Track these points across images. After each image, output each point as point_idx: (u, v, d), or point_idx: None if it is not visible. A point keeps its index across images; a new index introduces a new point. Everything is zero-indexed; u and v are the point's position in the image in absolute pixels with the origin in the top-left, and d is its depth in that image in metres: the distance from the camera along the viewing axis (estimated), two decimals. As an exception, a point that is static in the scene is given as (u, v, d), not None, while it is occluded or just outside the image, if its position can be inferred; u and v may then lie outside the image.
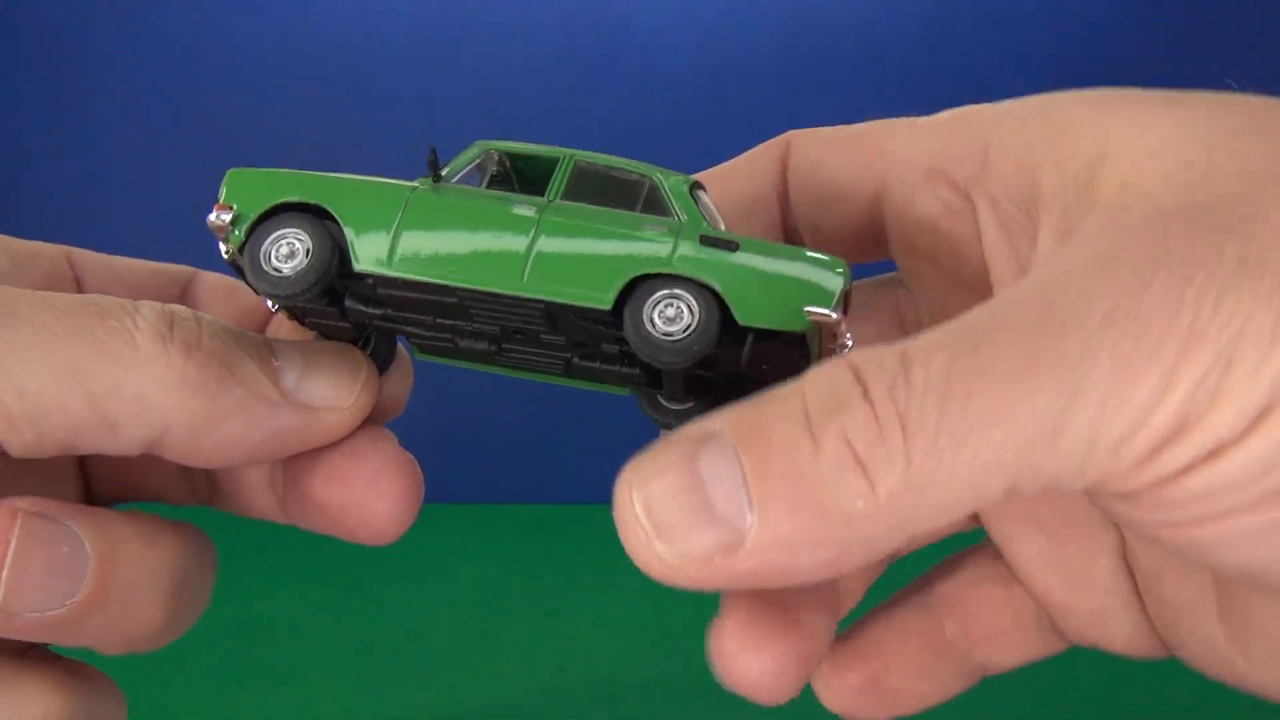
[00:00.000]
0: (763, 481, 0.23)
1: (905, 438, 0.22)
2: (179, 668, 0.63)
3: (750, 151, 0.40)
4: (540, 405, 0.93)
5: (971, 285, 0.35)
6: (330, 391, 0.33)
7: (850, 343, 0.30)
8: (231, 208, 0.32)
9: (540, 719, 0.58)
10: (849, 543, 0.23)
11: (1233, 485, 0.22)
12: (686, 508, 0.24)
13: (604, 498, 0.25)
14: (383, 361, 0.36)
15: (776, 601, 0.30)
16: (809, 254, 0.31)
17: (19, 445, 0.28)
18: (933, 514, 0.22)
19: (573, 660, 0.65)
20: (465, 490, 0.92)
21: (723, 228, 0.34)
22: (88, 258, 0.38)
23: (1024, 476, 0.22)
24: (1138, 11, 0.93)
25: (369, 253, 0.31)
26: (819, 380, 0.24)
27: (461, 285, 0.31)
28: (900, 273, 0.38)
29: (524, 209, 0.32)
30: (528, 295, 0.31)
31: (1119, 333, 0.22)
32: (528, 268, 0.31)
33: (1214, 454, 0.22)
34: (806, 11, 0.92)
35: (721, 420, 0.24)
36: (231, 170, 0.33)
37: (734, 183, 0.39)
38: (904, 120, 0.36)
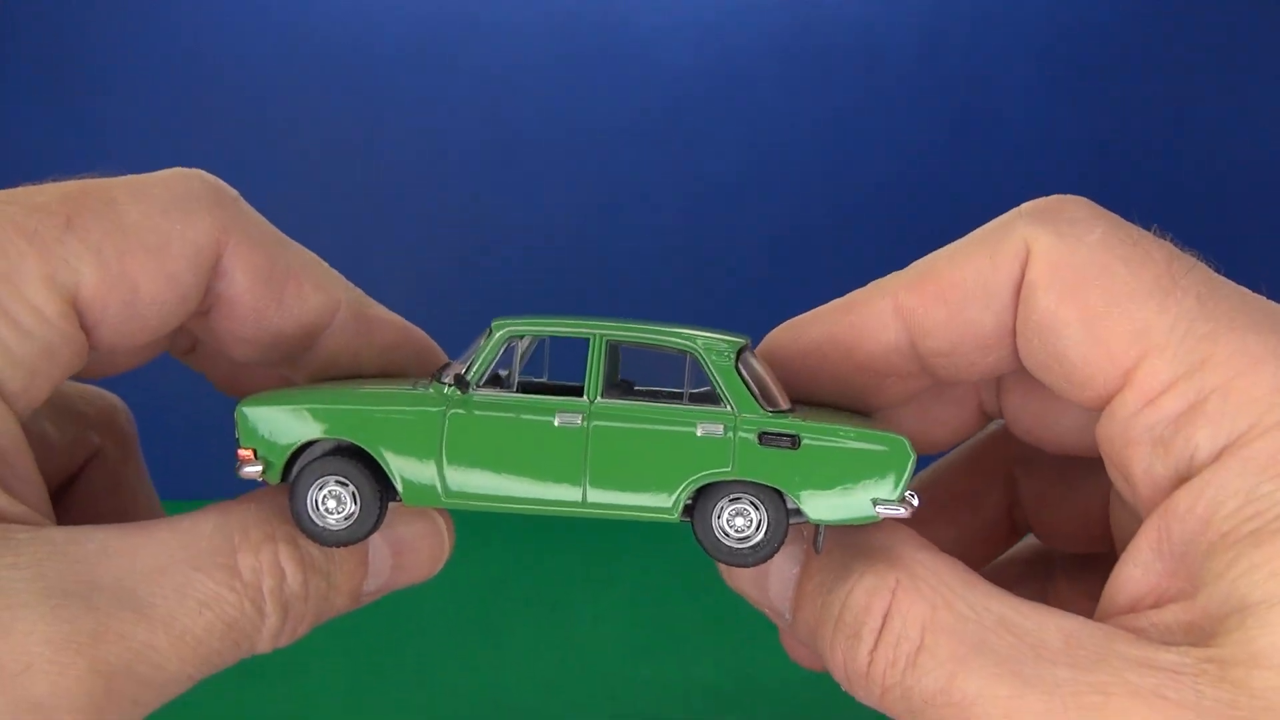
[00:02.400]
0: (797, 618, 0.33)
1: (883, 694, 0.30)
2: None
3: (974, 258, 0.33)
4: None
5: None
6: (410, 583, 0.36)
7: (916, 502, 0.32)
8: (254, 453, 0.32)
9: (540, 717, 0.58)
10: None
11: None
12: (750, 578, 0.34)
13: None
14: None
15: None
16: (871, 438, 0.31)
17: None
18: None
19: (572, 659, 0.65)
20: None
21: (772, 388, 0.33)
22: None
23: None
24: (1138, 12, 0.93)
25: (418, 490, 0.31)
26: (859, 593, 0.31)
27: (519, 511, 0.31)
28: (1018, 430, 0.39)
29: (568, 418, 0.31)
30: (590, 516, 0.31)
31: None
32: (586, 488, 0.31)
33: None
34: (806, 11, 0.92)
35: (804, 546, 0.33)
36: (241, 406, 0.32)
37: (959, 307, 0.33)
38: (1168, 325, 0.30)
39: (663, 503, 0.31)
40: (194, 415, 0.75)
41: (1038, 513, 0.41)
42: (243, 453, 0.32)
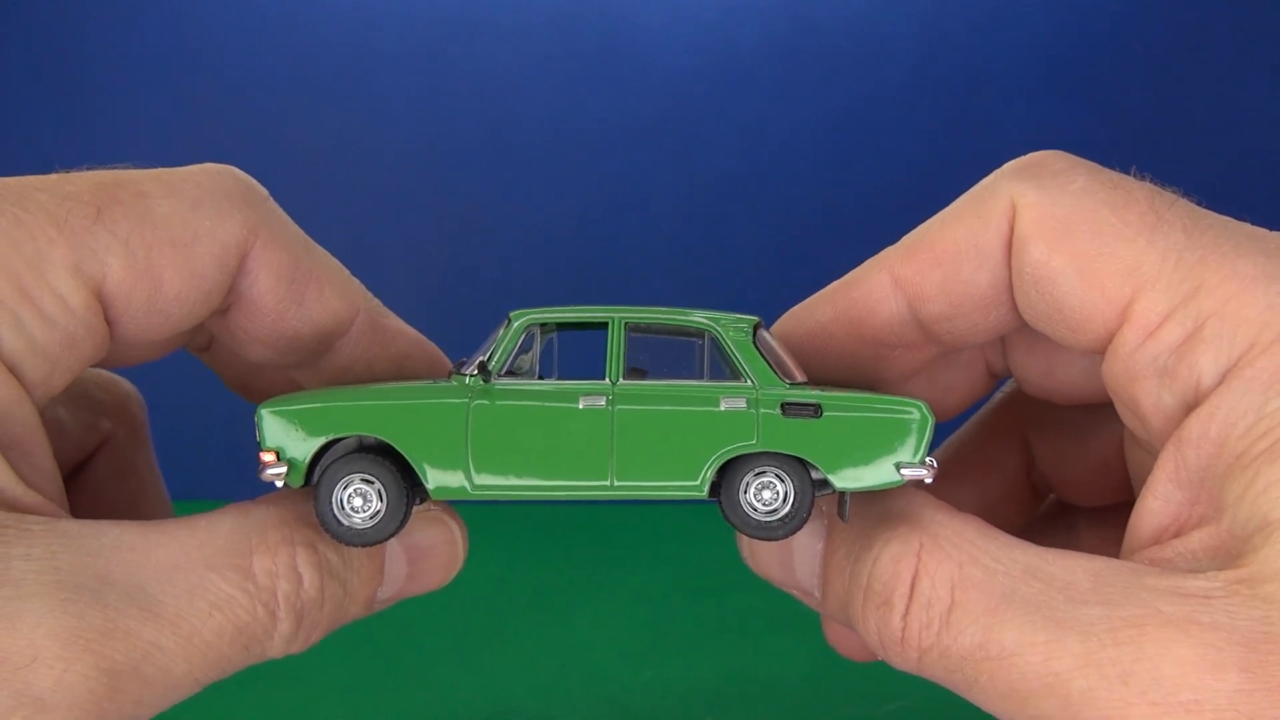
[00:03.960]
0: (825, 594, 0.33)
1: (920, 657, 0.30)
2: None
3: (964, 220, 0.34)
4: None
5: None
6: (423, 591, 0.35)
7: (934, 465, 0.32)
8: (278, 455, 0.31)
9: (539, 718, 0.58)
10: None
11: None
12: (776, 560, 0.34)
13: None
14: None
15: None
16: (891, 404, 0.31)
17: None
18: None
19: (572, 659, 0.65)
20: (465, 490, 0.92)
21: (789, 363, 0.34)
22: None
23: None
24: (1137, 12, 0.93)
25: (445, 481, 0.31)
26: (885, 560, 0.30)
27: (549, 500, 0.31)
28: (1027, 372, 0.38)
29: (592, 400, 0.31)
30: (618, 499, 0.31)
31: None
32: (613, 470, 0.31)
33: None
34: (806, 11, 0.92)
35: (825, 521, 0.33)
36: (261, 410, 0.32)
37: (954, 269, 0.34)
38: (1157, 259, 0.31)
39: (690, 480, 0.31)
40: (208, 415, 0.74)
41: (1056, 469, 0.41)
42: (265, 456, 0.32)
